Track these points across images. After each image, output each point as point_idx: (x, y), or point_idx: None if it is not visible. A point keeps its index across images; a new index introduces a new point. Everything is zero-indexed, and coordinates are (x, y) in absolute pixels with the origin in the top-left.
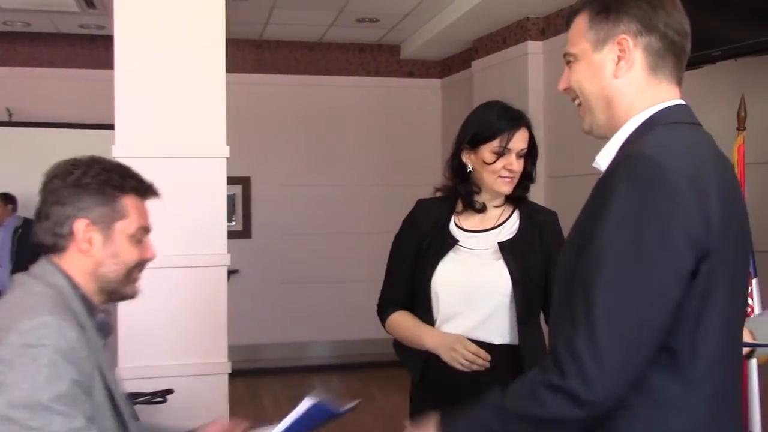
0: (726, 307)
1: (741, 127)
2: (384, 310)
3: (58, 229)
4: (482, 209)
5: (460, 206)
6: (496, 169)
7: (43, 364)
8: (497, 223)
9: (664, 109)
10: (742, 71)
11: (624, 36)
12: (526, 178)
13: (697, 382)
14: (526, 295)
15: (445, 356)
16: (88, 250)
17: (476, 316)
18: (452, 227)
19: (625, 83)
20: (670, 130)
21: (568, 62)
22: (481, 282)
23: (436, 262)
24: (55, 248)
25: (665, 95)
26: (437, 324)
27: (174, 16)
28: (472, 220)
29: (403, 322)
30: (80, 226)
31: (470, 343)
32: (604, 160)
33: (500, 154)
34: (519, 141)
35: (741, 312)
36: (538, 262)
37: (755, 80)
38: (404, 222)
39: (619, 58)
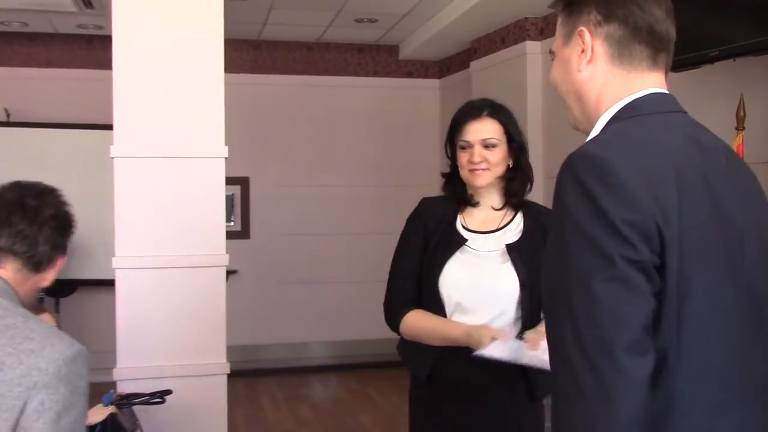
0: (709, 306)
1: (740, 127)
2: (395, 311)
3: None
4: (476, 204)
5: (463, 206)
6: (463, 163)
7: None
8: (501, 225)
9: (631, 102)
10: (740, 71)
11: (583, 27)
12: (515, 174)
13: (681, 391)
14: (533, 298)
15: (475, 340)
16: None
17: (482, 317)
18: (459, 226)
19: (590, 76)
20: (627, 124)
21: (552, 59)
22: (489, 283)
23: (443, 262)
24: None
25: (636, 84)
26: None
27: (172, 16)
28: (475, 221)
29: (423, 319)
30: None
31: (497, 329)
32: None
33: (464, 147)
34: (476, 131)
35: (746, 309)
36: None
37: (754, 80)
38: (409, 220)
39: (582, 51)
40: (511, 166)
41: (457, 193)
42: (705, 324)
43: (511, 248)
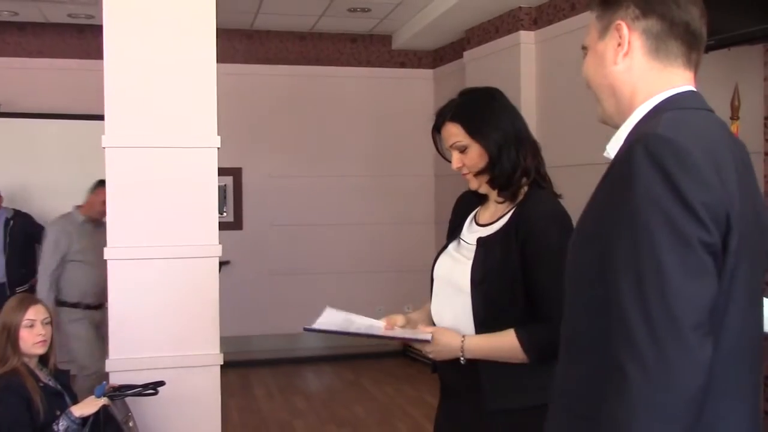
0: (750, 292)
1: (735, 116)
2: None
3: None
4: (485, 197)
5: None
6: (454, 169)
7: None
8: (494, 219)
9: (673, 95)
10: (735, 61)
11: (620, 21)
12: (496, 168)
13: (718, 370)
14: (487, 296)
15: None
16: None
17: (447, 309)
18: (468, 220)
19: (626, 69)
20: (680, 113)
21: (585, 55)
22: (451, 276)
23: (440, 253)
24: None
25: (673, 80)
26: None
27: (164, 6)
28: (486, 213)
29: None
30: None
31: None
32: (613, 148)
33: (449, 155)
34: (445, 139)
35: (760, 300)
36: (509, 263)
37: (748, 69)
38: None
39: (618, 44)
40: (489, 161)
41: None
42: (744, 310)
43: (479, 242)
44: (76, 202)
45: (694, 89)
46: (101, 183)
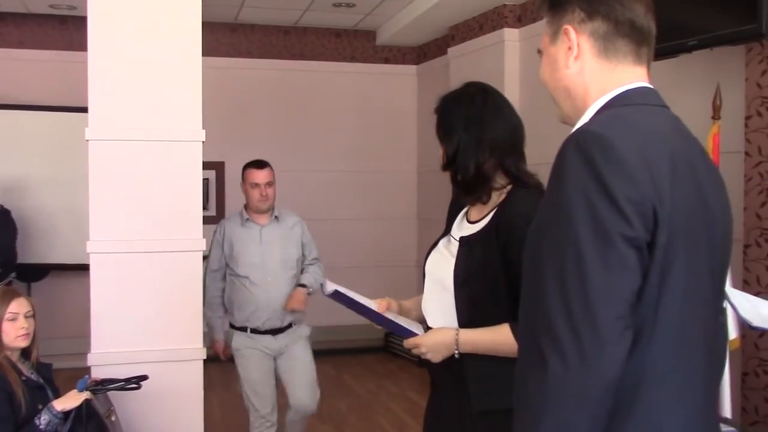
0: (687, 286)
1: (716, 116)
2: None
3: None
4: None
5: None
6: None
7: None
8: (480, 218)
9: (621, 93)
10: (716, 61)
11: (567, 26)
12: (450, 170)
13: (654, 361)
14: (470, 295)
15: None
16: None
17: (432, 307)
18: (459, 216)
19: (578, 72)
20: (621, 110)
21: (541, 58)
22: (436, 273)
23: (431, 249)
24: None
25: (624, 78)
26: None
27: None
28: (474, 212)
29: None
30: None
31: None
32: None
33: None
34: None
35: (710, 294)
36: (491, 262)
37: (729, 70)
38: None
39: (569, 48)
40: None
41: None
42: (682, 302)
43: (462, 241)
44: (58, 195)
45: (647, 85)
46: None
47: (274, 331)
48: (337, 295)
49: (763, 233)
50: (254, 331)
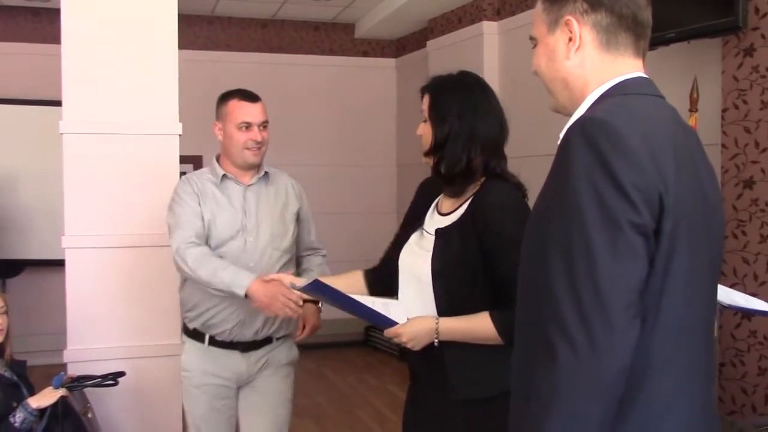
0: (689, 274)
1: (693, 108)
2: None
3: None
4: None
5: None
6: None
7: None
8: (452, 209)
9: (621, 81)
10: (694, 54)
11: (569, 17)
12: (439, 157)
13: (657, 350)
14: (448, 286)
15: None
16: None
17: (408, 299)
18: (431, 209)
19: (578, 63)
20: (623, 98)
21: (534, 46)
22: (411, 265)
23: (404, 241)
24: None
25: (623, 69)
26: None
27: None
28: (447, 203)
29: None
30: None
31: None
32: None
33: None
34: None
35: (708, 283)
36: (469, 253)
37: (706, 63)
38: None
39: (570, 39)
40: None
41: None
42: (684, 291)
43: (438, 233)
44: (32, 190)
45: (644, 75)
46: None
47: (245, 346)
48: (315, 287)
49: (739, 225)
50: (215, 342)
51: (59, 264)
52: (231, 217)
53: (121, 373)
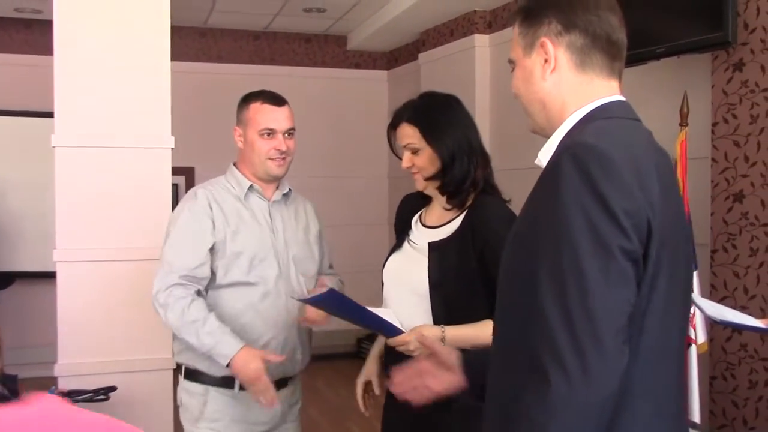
0: (667, 298)
1: (683, 123)
2: None
3: None
4: (431, 200)
5: (429, 201)
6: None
7: None
8: (443, 222)
9: (602, 105)
10: (683, 68)
11: (544, 38)
12: (446, 177)
13: (639, 372)
14: (446, 298)
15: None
16: None
17: (398, 309)
18: (414, 222)
19: (555, 84)
20: (606, 123)
21: (513, 69)
22: (404, 278)
23: (389, 254)
24: None
25: (601, 91)
26: None
27: (117, 1)
28: (432, 216)
29: None
30: None
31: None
32: (545, 156)
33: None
34: (400, 137)
35: (682, 305)
36: (467, 265)
37: (695, 77)
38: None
39: (545, 61)
40: (440, 167)
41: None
42: (663, 314)
43: (432, 246)
44: (24, 202)
45: (622, 98)
46: None
47: (281, 383)
48: (329, 296)
49: (729, 238)
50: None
51: (50, 276)
52: (260, 237)
53: (113, 388)
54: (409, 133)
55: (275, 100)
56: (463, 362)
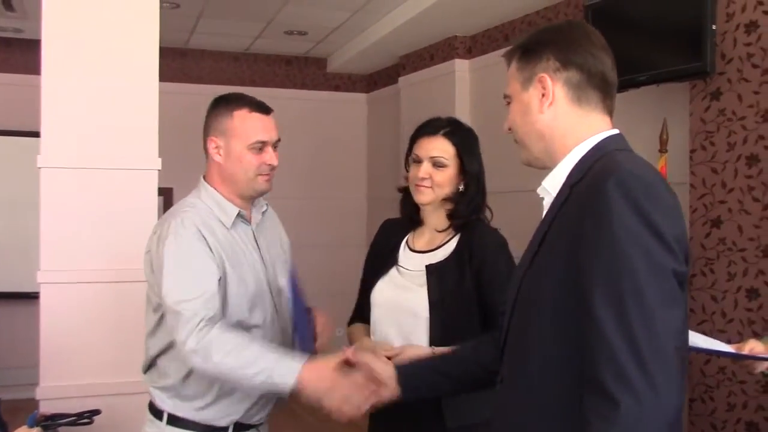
0: (685, 317)
1: (663, 149)
2: (350, 323)
3: None
4: (422, 224)
5: (415, 225)
6: (412, 177)
7: None
8: (437, 245)
9: (610, 136)
10: (664, 96)
11: (543, 74)
12: (462, 199)
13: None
14: (445, 320)
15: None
16: None
17: (394, 335)
18: (401, 247)
19: (552, 117)
20: (627, 153)
21: (508, 103)
22: (401, 303)
23: (376, 280)
24: None
25: (599, 126)
26: (374, 339)
27: (106, 22)
28: (421, 240)
29: (353, 332)
30: None
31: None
32: (551, 185)
33: (415, 161)
34: (427, 148)
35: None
36: (464, 288)
37: (674, 105)
38: (372, 242)
39: (543, 95)
40: (460, 190)
41: (408, 212)
42: (683, 333)
43: (430, 269)
44: (7, 222)
45: (619, 132)
46: None
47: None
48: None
49: (707, 263)
50: (245, 427)
51: (32, 297)
52: (255, 271)
53: (97, 411)
54: (442, 147)
55: (262, 107)
56: (399, 375)
